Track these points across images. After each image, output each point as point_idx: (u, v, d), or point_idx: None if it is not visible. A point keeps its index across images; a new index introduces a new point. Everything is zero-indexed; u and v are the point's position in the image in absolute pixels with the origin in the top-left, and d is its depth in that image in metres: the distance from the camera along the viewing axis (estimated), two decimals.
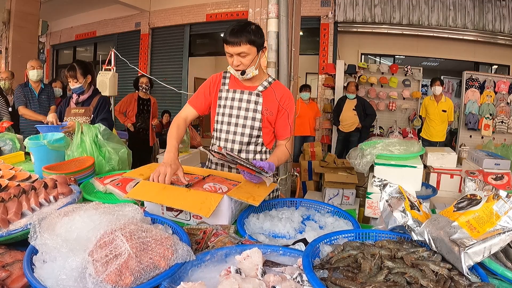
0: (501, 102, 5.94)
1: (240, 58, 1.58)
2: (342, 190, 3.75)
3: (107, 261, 0.77)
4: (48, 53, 9.83)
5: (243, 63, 1.58)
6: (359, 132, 5.41)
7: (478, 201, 0.96)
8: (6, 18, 5.40)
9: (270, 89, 1.72)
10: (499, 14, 6.08)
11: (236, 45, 1.54)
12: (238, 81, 1.72)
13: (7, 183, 1.50)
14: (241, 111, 1.70)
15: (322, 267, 0.85)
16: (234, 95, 1.71)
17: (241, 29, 1.54)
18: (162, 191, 1.30)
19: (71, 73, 2.60)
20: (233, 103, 1.71)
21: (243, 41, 1.55)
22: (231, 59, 1.60)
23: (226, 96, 1.72)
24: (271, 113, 1.71)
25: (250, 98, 1.70)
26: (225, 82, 1.75)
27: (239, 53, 1.56)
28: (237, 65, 1.59)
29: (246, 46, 1.55)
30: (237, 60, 1.58)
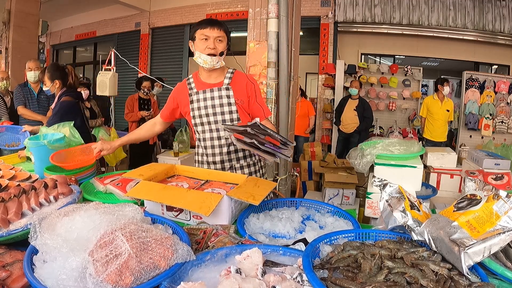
0: (501, 102, 5.94)
1: (216, 42, 1.63)
2: (342, 190, 3.75)
3: (107, 261, 0.77)
4: (48, 53, 9.83)
5: (218, 47, 1.65)
6: (359, 134, 5.40)
7: (478, 201, 0.96)
8: (6, 18, 5.40)
9: (234, 80, 1.77)
10: (499, 14, 6.08)
11: (216, 28, 1.63)
12: (202, 82, 1.77)
13: (7, 183, 1.50)
14: (216, 108, 1.73)
15: (322, 267, 0.85)
16: (204, 95, 1.74)
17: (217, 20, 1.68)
18: (162, 191, 1.31)
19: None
20: (206, 103, 1.74)
21: (222, 27, 1.65)
22: (205, 43, 1.63)
23: (197, 98, 1.75)
24: (242, 102, 1.76)
25: (221, 93, 1.74)
26: (191, 86, 1.78)
27: (217, 36, 1.63)
28: (212, 48, 1.63)
29: (223, 33, 1.66)
30: (213, 43, 1.63)
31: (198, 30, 1.64)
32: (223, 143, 1.77)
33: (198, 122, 1.77)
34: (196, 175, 1.62)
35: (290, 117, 2.86)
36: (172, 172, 1.64)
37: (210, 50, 1.63)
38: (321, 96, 6.75)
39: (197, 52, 1.66)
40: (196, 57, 1.67)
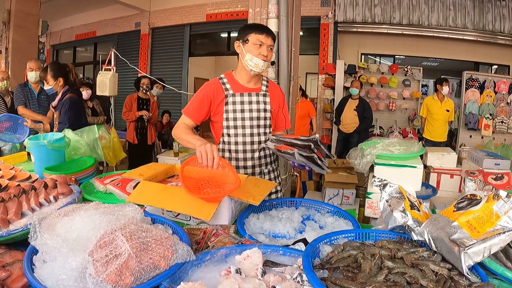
0: (501, 102, 5.94)
1: (268, 50, 1.64)
2: (342, 190, 3.74)
3: (107, 261, 0.77)
4: (48, 53, 9.84)
5: (269, 56, 1.65)
6: (358, 134, 5.38)
7: (478, 201, 0.96)
8: (6, 18, 5.40)
9: (270, 88, 1.79)
10: (499, 14, 6.08)
11: (270, 36, 1.63)
12: (240, 84, 1.73)
13: (7, 183, 1.50)
14: (253, 113, 1.72)
15: (322, 267, 0.85)
16: (242, 99, 1.71)
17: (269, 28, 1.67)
18: (163, 192, 1.30)
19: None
20: (243, 106, 1.71)
21: (273, 38, 1.66)
22: (259, 49, 1.62)
23: (233, 100, 1.70)
24: (274, 110, 1.79)
25: (259, 99, 1.73)
26: (227, 87, 1.72)
27: (270, 45, 1.63)
28: (265, 55, 1.63)
29: (273, 42, 1.66)
30: (266, 51, 1.62)
31: (253, 34, 1.62)
32: (256, 148, 1.74)
33: (231, 125, 1.72)
34: None
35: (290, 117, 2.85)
36: (172, 172, 1.63)
37: (263, 57, 1.63)
38: (321, 96, 6.75)
39: (249, 55, 1.63)
40: (247, 60, 1.64)
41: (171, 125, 6.56)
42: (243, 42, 1.66)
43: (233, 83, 1.73)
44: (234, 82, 1.73)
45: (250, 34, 1.63)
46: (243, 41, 1.66)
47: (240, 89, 1.72)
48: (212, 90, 1.71)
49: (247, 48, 1.64)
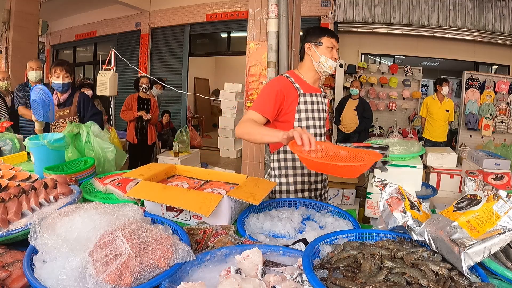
0: (501, 102, 5.94)
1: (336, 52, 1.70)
2: (342, 190, 3.75)
3: (107, 261, 0.77)
4: (48, 53, 9.83)
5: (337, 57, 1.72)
6: (358, 133, 5.39)
7: (478, 201, 0.96)
8: (6, 18, 5.40)
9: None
10: (499, 14, 6.08)
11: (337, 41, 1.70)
12: (308, 84, 1.74)
13: (7, 183, 1.50)
14: (319, 113, 1.76)
15: (322, 267, 0.85)
16: (312, 99, 1.72)
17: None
18: (162, 191, 1.31)
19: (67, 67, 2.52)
20: (313, 107, 1.73)
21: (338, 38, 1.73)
22: (331, 52, 1.68)
23: (305, 100, 1.70)
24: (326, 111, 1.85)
25: (322, 100, 1.79)
26: (297, 86, 1.70)
27: (337, 49, 1.71)
28: (336, 59, 1.69)
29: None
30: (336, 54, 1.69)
31: (326, 37, 1.67)
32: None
33: (303, 125, 1.70)
34: (196, 175, 1.62)
35: None
36: (172, 172, 1.64)
37: (335, 60, 1.69)
38: None
39: (324, 57, 1.67)
40: (322, 62, 1.67)
41: (171, 125, 6.56)
42: (316, 45, 1.68)
43: (301, 82, 1.72)
44: (302, 82, 1.73)
45: (323, 37, 1.67)
46: (315, 43, 1.68)
47: (309, 89, 1.73)
48: (285, 87, 1.67)
49: (321, 50, 1.67)
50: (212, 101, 10.22)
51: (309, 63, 1.73)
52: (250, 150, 3.03)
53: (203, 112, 10.13)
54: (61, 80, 2.48)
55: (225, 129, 6.94)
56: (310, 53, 1.71)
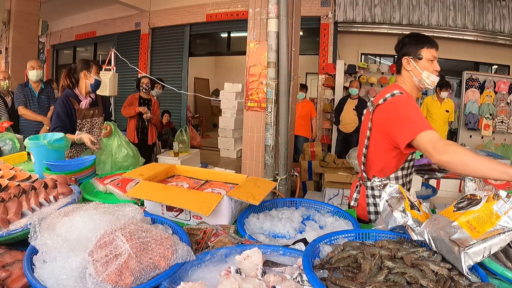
0: (501, 102, 5.94)
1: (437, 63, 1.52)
2: (342, 190, 3.75)
3: (107, 261, 0.77)
4: (48, 53, 9.84)
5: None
6: (358, 133, 5.38)
7: (478, 201, 0.96)
8: (6, 18, 5.40)
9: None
10: (499, 14, 6.08)
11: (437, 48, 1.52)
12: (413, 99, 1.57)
13: (7, 183, 1.50)
14: None
15: (322, 267, 0.85)
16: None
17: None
18: (162, 191, 1.31)
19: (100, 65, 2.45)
20: None
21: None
22: (432, 65, 1.50)
23: None
24: None
25: None
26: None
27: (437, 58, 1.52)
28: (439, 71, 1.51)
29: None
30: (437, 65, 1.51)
31: (426, 48, 1.50)
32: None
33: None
34: (196, 175, 1.62)
35: (290, 117, 2.85)
36: (172, 172, 1.64)
37: (436, 73, 1.51)
38: (321, 96, 6.75)
39: (426, 72, 1.50)
40: (424, 78, 1.50)
41: (171, 125, 6.56)
42: (415, 59, 1.52)
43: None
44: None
45: (422, 49, 1.51)
46: (414, 57, 1.52)
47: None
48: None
49: (422, 65, 1.51)
50: (212, 101, 10.22)
51: (409, 79, 1.56)
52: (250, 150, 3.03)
53: (203, 112, 10.13)
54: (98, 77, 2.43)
55: (225, 129, 6.94)
56: (409, 68, 1.54)
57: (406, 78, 1.56)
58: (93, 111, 2.45)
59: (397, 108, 1.43)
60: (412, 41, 1.54)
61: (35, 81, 3.73)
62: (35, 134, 2.37)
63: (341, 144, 5.65)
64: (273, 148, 2.80)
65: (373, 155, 1.60)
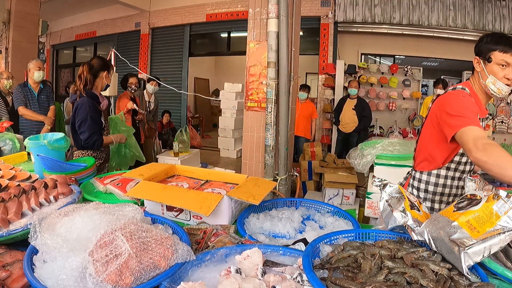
0: (501, 102, 5.94)
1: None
2: (342, 190, 3.75)
3: (107, 261, 0.77)
4: (48, 53, 9.84)
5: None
6: (358, 133, 5.41)
7: (478, 201, 0.96)
8: (6, 18, 5.40)
9: None
10: (499, 14, 6.08)
11: None
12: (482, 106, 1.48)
13: (7, 183, 1.50)
14: None
15: (322, 267, 0.85)
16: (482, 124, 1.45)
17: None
18: (162, 191, 1.31)
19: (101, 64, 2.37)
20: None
21: None
22: (503, 71, 1.36)
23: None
24: None
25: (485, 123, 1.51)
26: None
27: None
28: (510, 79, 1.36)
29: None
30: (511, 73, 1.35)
31: (497, 52, 1.36)
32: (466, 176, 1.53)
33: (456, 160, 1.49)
34: (196, 175, 1.62)
35: (290, 117, 2.86)
36: (172, 172, 1.64)
37: (507, 81, 1.36)
38: (321, 96, 6.75)
39: (492, 77, 1.38)
40: (489, 83, 1.39)
41: (171, 125, 6.56)
42: (484, 61, 1.40)
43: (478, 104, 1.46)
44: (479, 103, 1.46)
45: (493, 51, 1.37)
46: (484, 59, 1.40)
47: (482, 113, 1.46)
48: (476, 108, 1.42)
49: (490, 68, 1.39)
50: (212, 101, 10.22)
51: (478, 80, 1.46)
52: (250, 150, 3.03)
53: (203, 112, 10.13)
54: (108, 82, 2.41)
55: (225, 129, 6.94)
56: (478, 69, 1.44)
57: (476, 79, 1.47)
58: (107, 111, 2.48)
59: (451, 101, 1.40)
60: (488, 40, 1.40)
61: (39, 82, 3.74)
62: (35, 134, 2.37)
63: (341, 144, 5.65)
64: (273, 148, 2.80)
65: (423, 143, 1.58)
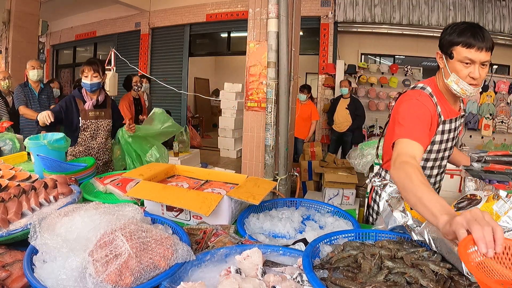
0: (501, 102, 5.94)
1: (481, 69, 1.19)
2: (342, 190, 3.75)
3: (107, 261, 0.77)
4: (48, 53, 9.83)
5: (482, 76, 1.21)
6: (352, 132, 5.43)
7: (478, 201, 0.96)
8: (6, 18, 5.40)
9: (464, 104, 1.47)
10: (499, 14, 6.08)
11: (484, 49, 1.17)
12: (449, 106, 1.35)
13: (7, 183, 1.50)
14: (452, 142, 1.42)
15: (322, 267, 0.85)
16: (450, 126, 1.36)
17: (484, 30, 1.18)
18: (162, 191, 1.31)
19: (95, 67, 2.36)
20: (448, 136, 1.38)
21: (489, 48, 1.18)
22: (467, 69, 1.20)
23: (443, 129, 1.35)
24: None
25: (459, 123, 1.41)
26: (439, 111, 1.32)
27: (484, 61, 1.19)
28: (477, 78, 1.20)
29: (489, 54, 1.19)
30: (478, 72, 1.19)
31: (460, 47, 1.20)
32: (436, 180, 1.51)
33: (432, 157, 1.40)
34: (196, 175, 1.62)
35: (290, 117, 2.86)
36: (172, 172, 1.64)
37: (472, 81, 1.21)
38: (321, 96, 6.75)
39: (454, 76, 1.24)
40: (451, 81, 1.25)
41: None
42: (446, 56, 1.26)
43: (442, 104, 1.34)
44: (444, 103, 1.34)
45: (455, 46, 1.21)
46: (446, 54, 1.25)
47: (450, 114, 1.35)
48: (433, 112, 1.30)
49: (452, 65, 1.24)
50: (212, 101, 10.22)
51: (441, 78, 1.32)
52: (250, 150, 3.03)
53: (203, 112, 10.14)
54: (89, 80, 2.34)
55: (225, 129, 6.94)
56: (441, 65, 1.30)
57: (440, 75, 1.32)
58: (98, 112, 2.43)
59: (402, 104, 1.32)
60: (451, 31, 1.23)
61: (35, 81, 3.74)
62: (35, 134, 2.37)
63: (336, 143, 5.67)
64: (273, 148, 2.80)
65: (386, 143, 1.52)
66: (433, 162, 1.42)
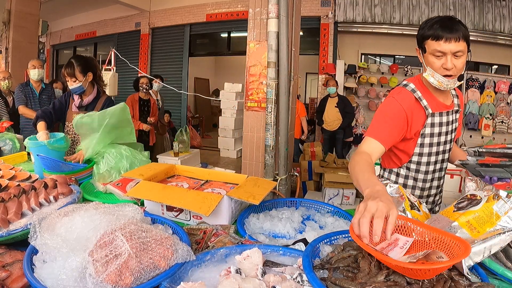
0: (501, 102, 5.95)
1: (455, 59, 1.23)
2: (342, 190, 3.75)
3: (107, 261, 0.77)
4: (48, 53, 9.85)
5: (457, 66, 1.23)
6: (343, 130, 5.46)
7: (478, 201, 0.96)
8: (6, 18, 5.40)
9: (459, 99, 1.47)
10: (499, 14, 6.08)
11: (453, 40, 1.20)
12: (437, 100, 1.38)
13: (7, 183, 1.50)
14: (447, 136, 1.42)
15: (322, 267, 0.85)
16: (441, 119, 1.37)
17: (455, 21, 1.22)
18: (162, 191, 1.31)
19: (69, 71, 2.23)
20: (440, 129, 1.38)
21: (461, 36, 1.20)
22: (439, 61, 1.25)
23: (433, 122, 1.37)
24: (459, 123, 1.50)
25: (453, 117, 1.42)
26: (425, 105, 1.35)
27: (455, 52, 1.21)
28: (450, 69, 1.23)
29: (463, 44, 1.21)
30: (450, 62, 1.22)
31: (430, 40, 1.24)
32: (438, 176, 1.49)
33: (425, 152, 1.40)
34: (196, 175, 1.62)
35: (290, 117, 2.86)
36: (172, 172, 1.64)
37: (446, 72, 1.25)
38: (321, 96, 6.75)
39: (429, 69, 1.28)
40: (428, 74, 1.29)
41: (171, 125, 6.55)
42: (422, 50, 1.30)
43: (429, 98, 1.36)
44: (430, 97, 1.37)
45: (426, 40, 1.25)
46: (421, 48, 1.30)
47: (439, 107, 1.37)
48: (410, 108, 1.33)
49: (426, 59, 1.29)
50: (212, 101, 10.23)
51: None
52: (250, 150, 3.03)
53: (203, 112, 10.14)
54: (70, 85, 2.25)
55: (225, 129, 6.94)
56: (420, 60, 1.33)
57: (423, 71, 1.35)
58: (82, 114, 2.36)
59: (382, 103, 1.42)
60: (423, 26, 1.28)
61: (36, 80, 3.74)
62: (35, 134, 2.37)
63: (328, 142, 5.70)
64: (273, 148, 2.80)
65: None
66: (428, 158, 1.42)
